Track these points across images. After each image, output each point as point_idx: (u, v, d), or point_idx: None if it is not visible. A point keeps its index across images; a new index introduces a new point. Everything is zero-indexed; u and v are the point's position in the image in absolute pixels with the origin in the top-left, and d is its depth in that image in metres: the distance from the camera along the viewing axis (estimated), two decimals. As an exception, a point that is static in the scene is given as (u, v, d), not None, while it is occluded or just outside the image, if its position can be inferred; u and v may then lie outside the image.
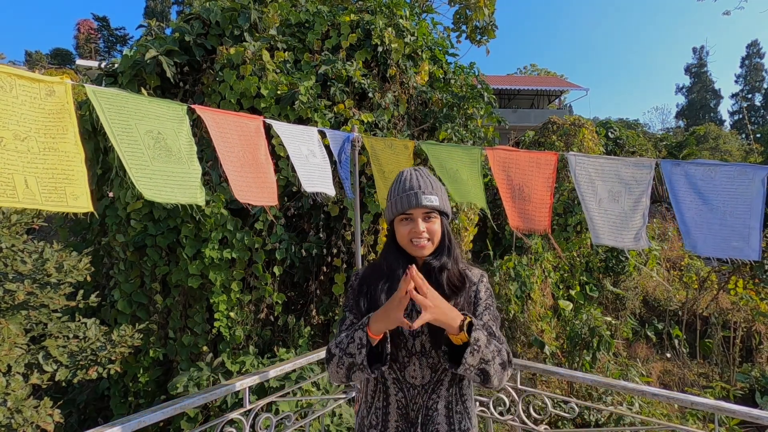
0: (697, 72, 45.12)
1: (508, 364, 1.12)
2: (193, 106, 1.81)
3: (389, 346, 1.13)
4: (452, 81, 5.22)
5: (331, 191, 2.50)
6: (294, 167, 2.29)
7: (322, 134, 2.61)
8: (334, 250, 4.31)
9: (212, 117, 1.90)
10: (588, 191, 2.26)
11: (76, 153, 1.39)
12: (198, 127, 3.23)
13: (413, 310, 1.22)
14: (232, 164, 1.94)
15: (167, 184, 1.60)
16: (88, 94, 1.46)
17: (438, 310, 1.04)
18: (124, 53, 4.35)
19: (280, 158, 3.99)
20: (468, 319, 1.09)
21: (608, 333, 6.37)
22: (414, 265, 1.07)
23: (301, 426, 2.31)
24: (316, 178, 2.41)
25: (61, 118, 1.37)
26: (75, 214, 4.42)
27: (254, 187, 2.02)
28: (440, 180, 2.20)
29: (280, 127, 2.30)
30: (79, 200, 1.38)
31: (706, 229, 1.93)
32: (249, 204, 2.00)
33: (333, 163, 2.71)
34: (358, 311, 1.26)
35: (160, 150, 1.61)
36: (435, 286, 1.15)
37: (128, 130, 1.53)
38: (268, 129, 2.21)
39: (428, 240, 1.23)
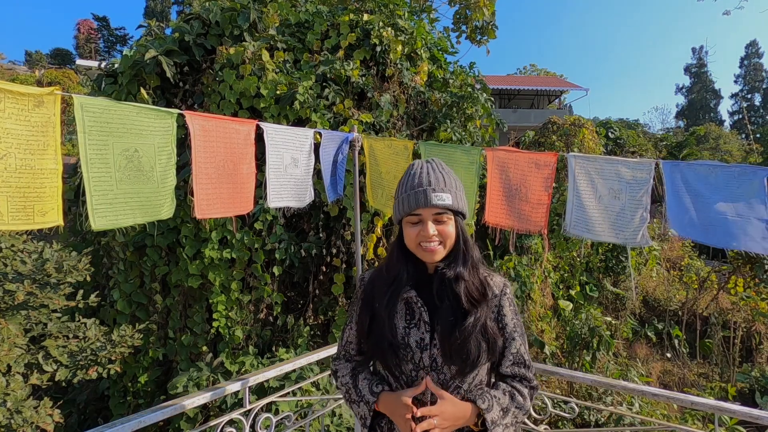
0: (697, 72, 45.12)
1: (530, 402, 1.14)
2: (184, 112, 1.82)
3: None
4: (451, 81, 5.22)
5: (299, 204, 2.46)
6: (267, 180, 2.25)
7: (320, 135, 2.60)
8: (334, 250, 4.30)
9: (202, 124, 1.89)
10: (587, 189, 2.27)
11: (53, 169, 1.39)
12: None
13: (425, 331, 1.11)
14: (208, 176, 1.94)
15: (128, 205, 1.64)
16: (75, 108, 1.45)
17: (447, 423, 1.03)
18: (124, 53, 4.35)
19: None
20: (482, 415, 1.06)
21: (608, 333, 6.37)
22: (429, 378, 1.07)
23: (301, 426, 2.31)
24: (288, 190, 2.38)
25: (45, 132, 1.36)
26: (73, 215, 4.42)
27: (227, 198, 2.03)
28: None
29: (271, 132, 2.27)
30: (47, 216, 1.38)
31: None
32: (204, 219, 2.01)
33: (335, 162, 2.71)
34: (361, 324, 1.19)
35: (130, 171, 1.63)
36: (451, 297, 1.10)
37: (103, 151, 1.54)
38: (263, 132, 2.20)
39: (440, 243, 1.10)
